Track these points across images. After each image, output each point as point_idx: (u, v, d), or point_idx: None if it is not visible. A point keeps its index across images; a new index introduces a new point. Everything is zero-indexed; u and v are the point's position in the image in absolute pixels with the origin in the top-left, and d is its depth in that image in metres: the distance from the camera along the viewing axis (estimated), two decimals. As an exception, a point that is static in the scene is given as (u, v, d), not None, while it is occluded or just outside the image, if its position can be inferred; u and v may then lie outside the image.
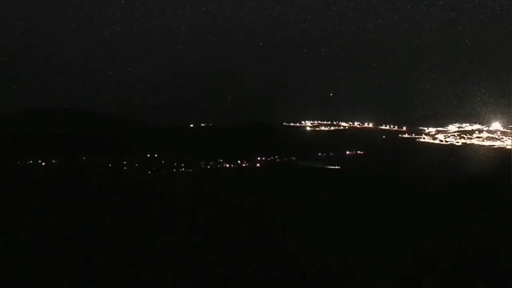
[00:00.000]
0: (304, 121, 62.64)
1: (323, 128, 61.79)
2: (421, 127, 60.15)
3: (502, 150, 51.00)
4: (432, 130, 59.12)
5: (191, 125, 58.14)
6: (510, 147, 50.84)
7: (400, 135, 60.13)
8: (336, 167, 44.81)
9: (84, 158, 39.83)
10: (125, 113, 58.42)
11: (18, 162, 37.88)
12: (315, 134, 60.33)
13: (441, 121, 59.39)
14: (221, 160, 43.51)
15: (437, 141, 56.64)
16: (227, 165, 43.42)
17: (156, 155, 42.99)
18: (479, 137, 54.72)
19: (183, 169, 40.84)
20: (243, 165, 44.19)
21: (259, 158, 45.64)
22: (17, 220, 15.91)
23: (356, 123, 62.98)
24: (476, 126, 56.60)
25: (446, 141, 56.18)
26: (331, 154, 50.20)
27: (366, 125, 62.81)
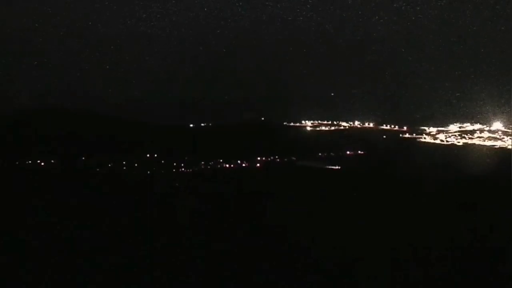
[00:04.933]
0: (304, 121, 62.51)
1: (323, 128, 61.65)
2: (421, 127, 59.99)
3: (503, 150, 50.91)
4: (433, 130, 58.95)
5: (191, 125, 57.99)
6: (511, 147, 50.74)
7: (400, 135, 60.01)
8: (337, 167, 44.76)
9: (83, 158, 39.83)
10: (125, 113, 58.16)
11: (18, 162, 37.90)
12: (315, 134, 60.18)
13: (441, 121, 59.24)
14: (221, 160, 43.46)
15: (438, 141, 56.52)
16: (227, 165, 43.39)
17: (156, 155, 42.90)
18: (480, 137, 54.59)
19: (183, 169, 40.81)
20: (243, 165, 44.16)
21: (259, 158, 45.59)
22: (17, 220, 15.88)
23: (356, 123, 62.83)
24: (477, 126, 56.44)
25: (447, 141, 56.05)
26: (331, 154, 50.11)
27: (366, 125, 62.69)
